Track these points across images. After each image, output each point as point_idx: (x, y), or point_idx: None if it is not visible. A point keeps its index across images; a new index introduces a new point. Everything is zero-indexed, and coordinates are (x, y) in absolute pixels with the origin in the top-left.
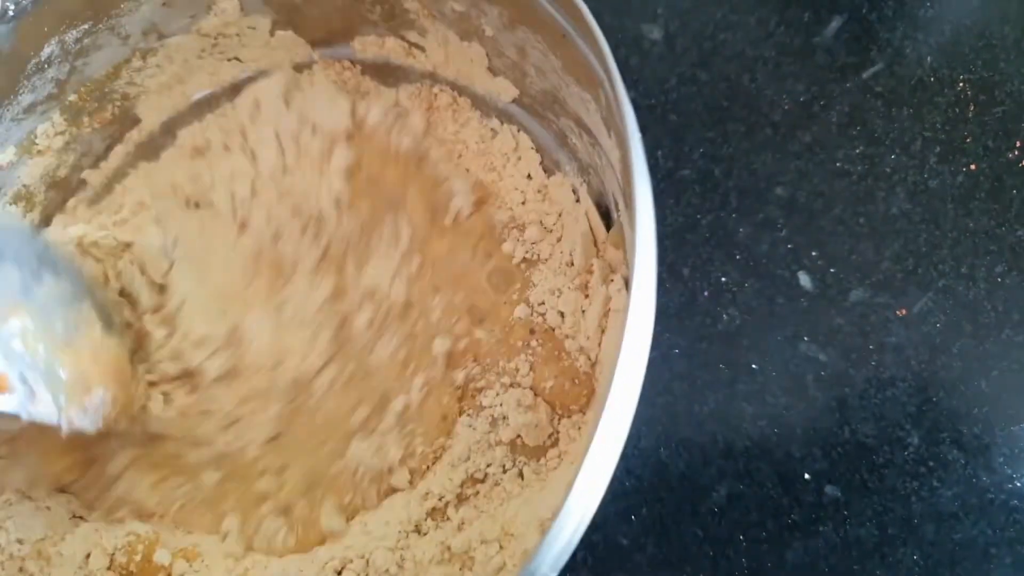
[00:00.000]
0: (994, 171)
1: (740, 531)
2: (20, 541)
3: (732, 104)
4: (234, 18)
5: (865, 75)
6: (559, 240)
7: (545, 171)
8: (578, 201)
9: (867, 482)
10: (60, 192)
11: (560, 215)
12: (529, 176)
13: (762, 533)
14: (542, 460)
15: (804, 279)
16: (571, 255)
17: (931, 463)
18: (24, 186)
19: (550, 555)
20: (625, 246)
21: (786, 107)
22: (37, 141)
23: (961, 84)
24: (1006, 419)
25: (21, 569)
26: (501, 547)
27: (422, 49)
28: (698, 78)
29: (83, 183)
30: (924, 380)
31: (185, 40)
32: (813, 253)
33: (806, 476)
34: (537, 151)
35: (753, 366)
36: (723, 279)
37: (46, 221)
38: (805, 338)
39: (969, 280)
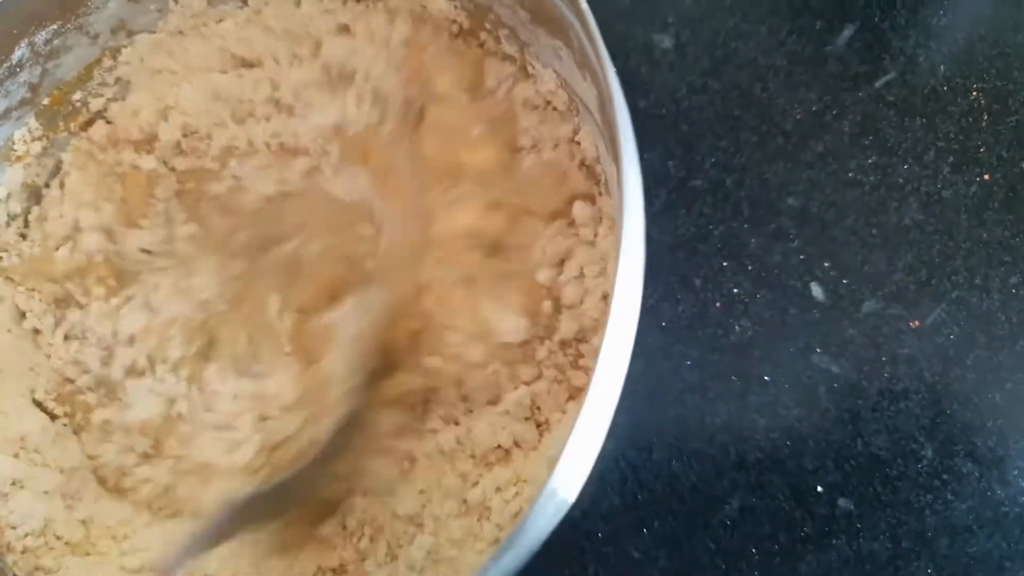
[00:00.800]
0: (1008, 181)
1: (752, 544)
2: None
3: (744, 113)
4: (201, 9)
5: (877, 84)
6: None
7: None
8: None
9: (880, 495)
10: (39, 199)
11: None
12: None
13: (774, 546)
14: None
15: (816, 290)
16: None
17: (945, 476)
18: (8, 194)
19: (564, 478)
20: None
21: (798, 116)
22: (15, 147)
23: (975, 93)
24: (1021, 431)
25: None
26: (516, 493)
27: None
28: (709, 87)
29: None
30: (938, 392)
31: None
32: (825, 264)
33: (819, 489)
34: None
35: (765, 378)
36: (735, 290)
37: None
38: (817, 349)
39: (983, 291)
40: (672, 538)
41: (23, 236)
